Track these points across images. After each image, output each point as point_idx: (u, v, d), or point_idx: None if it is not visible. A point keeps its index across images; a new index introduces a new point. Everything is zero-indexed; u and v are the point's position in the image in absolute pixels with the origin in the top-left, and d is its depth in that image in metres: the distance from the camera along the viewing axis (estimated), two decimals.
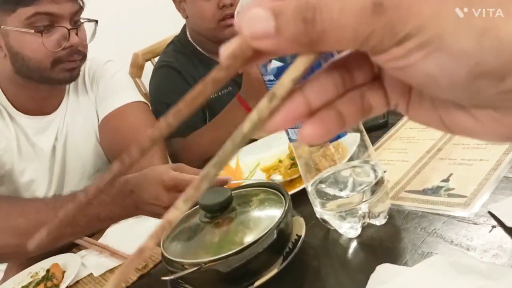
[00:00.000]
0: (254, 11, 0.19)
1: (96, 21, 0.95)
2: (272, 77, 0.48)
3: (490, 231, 0.45)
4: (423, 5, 0.18)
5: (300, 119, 0.21)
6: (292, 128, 0.52)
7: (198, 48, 1.21)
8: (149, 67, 1.47)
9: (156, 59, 1.46)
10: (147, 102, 1.09)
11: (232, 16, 1.11)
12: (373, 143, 0.74)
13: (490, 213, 0.47)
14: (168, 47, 1.28)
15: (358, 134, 0.79)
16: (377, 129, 0.80)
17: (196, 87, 0.20)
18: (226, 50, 0.20)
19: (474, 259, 0.41)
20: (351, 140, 0.71)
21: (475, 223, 0.47)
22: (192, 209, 0.59)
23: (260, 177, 0.77)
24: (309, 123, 0.21)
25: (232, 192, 0.56)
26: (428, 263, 0.42)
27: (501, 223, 0.45)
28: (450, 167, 0.58)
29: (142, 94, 1.43)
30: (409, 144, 0.69)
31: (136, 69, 1.44)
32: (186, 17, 1.21)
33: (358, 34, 0.18)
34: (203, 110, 1.14)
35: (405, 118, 0.78)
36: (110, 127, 0.99)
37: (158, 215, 0.66)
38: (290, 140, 0.53)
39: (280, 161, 0.77)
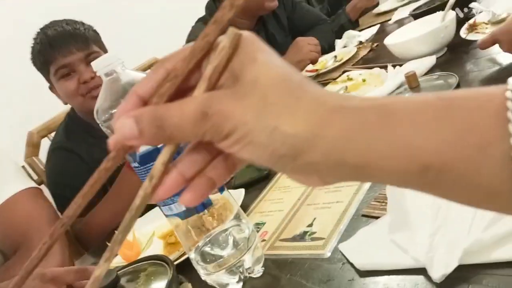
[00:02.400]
0: (121, 120, 0.26)
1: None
2: (137, 164, 0.53)
3: (341, 267, 0.53)
4: (234, 112, 0.24)
5: (178, 188, 0.27)
6: (165, 205, 0.57)
7: (91, 124, 1.24)
8: (45, 144, 1.45)
9: (53, 134, 1.45)
10: (37, 186, 1.08)
11: (96, 87, 1.17)
12: (257, 195, 0.82)
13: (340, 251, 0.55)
14: (59, 127, 1.29)
15: (243, 190, 0.86)
16: (261, 181, 0.87)
17: (91, 177, 0.26)
18: (110, 145, 0.26)
19: None
20: (236, 197, 0.78)
21: (330, 262, 0.55)
22: None
23: (158, 244, 0.80)
24: (185, 192, 0.27)
25: (120, 271, 0.59)
26: None
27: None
28: (314, 211, 0.67)
29: (40, 172, 1.40)
30: (285, 194, 0.77)
31: (32, 148, 1.41)
32: (65, 102, 1.25)
33: (196, 134, 0.25)
34: (105, 186, 1.15)
35: None
36: (2, 221, 0.97)
37: None
38: (166, 215, 0.58)
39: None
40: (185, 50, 0.27)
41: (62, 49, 1.15)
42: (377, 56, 1.33)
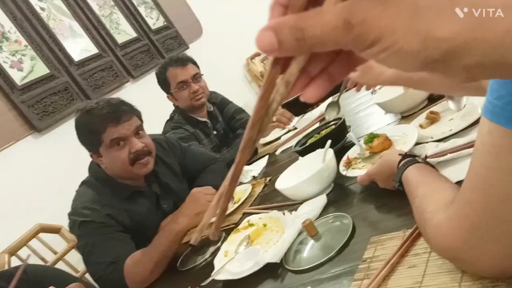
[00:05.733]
0: (260, 33, 0.26)
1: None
2: None
3: None
4: (380, 19, 0.24)
5: (304, 88, 0.29)
6: None
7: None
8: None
9: (20, 251, 1.57)
10: None
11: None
12: None
13: None
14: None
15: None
16: None
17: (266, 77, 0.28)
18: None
19: None
20: None
21: None
22: None
23: None
24: (308, 88, 0.29)
25: None
26: None
27: None
28: None
29: None
30: None
31: None
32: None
33: (338, 43, 0.25)
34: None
35: None
36: None
37: None
38: None
39: None
40: None
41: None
42: (272, 191, 1.36)
